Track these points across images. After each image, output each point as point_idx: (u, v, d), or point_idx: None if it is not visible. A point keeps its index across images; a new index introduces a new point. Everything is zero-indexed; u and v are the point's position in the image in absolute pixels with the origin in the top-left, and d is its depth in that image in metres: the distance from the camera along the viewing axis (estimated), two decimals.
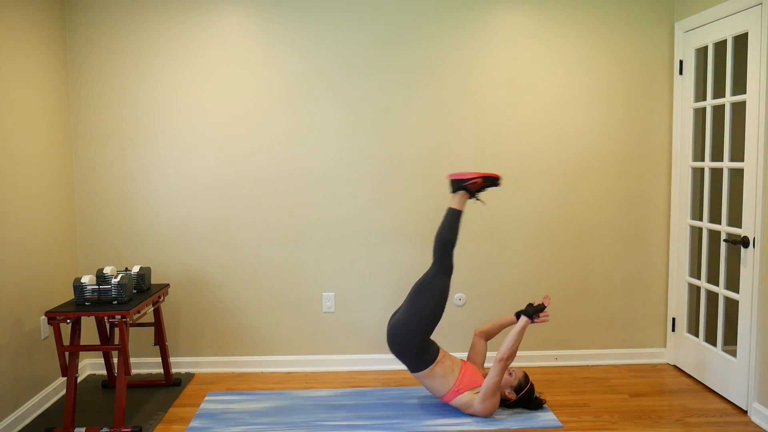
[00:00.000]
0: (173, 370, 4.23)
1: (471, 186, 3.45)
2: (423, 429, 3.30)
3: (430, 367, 3.41)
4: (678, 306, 4.18)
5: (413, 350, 3.40)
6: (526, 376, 3.51)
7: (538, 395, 3.57)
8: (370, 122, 4.13)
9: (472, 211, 4.19)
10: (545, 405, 3.56)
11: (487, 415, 3.39)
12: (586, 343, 4.32)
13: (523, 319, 3.40)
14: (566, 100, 4.17)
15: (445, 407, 3.57)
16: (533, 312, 3.41)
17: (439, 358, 3.44)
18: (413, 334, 3.38)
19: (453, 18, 4.10)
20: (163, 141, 4.10)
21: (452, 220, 3.46)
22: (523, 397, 3.47)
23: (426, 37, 4.10)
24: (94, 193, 4.11)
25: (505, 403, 3.50)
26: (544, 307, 3.43)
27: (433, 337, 4.23)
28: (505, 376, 3.48)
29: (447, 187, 4.16)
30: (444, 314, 4.22)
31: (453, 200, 3.49)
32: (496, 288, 4.25)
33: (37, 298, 3.63)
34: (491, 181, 3.50)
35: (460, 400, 3.41)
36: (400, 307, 3.52)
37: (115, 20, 4.02)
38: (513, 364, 4.19)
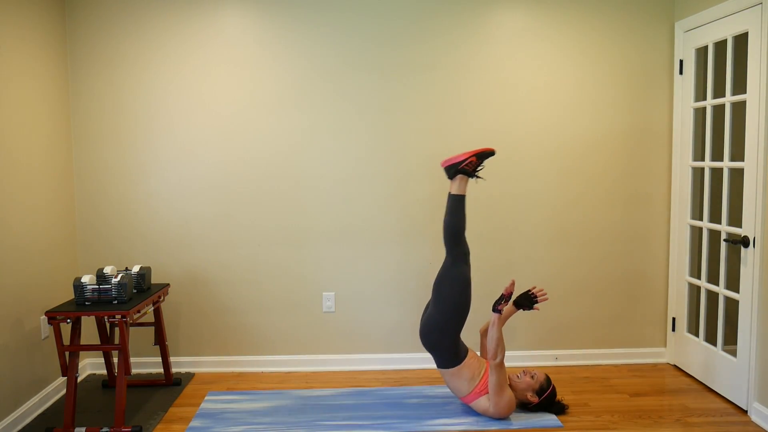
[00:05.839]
0: (173, 370, 4.23)
1: (467, 167, 3.39)
2: (423, 429, 3.30)
3: (458, 366, 3.37)
4: (678, 306, 4.18)
5: (446, 345, 3.35)
6: (548, 380, 3.47)
7: (560, 400, 3.52)
8: (370, 122, 4.13)
9: (473, 211, 4.19)
10: (567, 410, 3.49)
11: (503, 416, 3.34)
12: (586, 343, 4.32)
13: (493, 315, 3.35)
14: (566, 99, 4.17)
15: (444, 407, 3.57)
16: (496, 303, 3.35)
17: (467, 359, 3.40)
18: (444, 329, 3.34)
19: (453, 18, 4.10)
20: (163, 141, 4.10)
21: (456, 206, 3.39)
22: (545, 400, 3.44)
23: (426, 37, 4.10)
24: (94, 192, 4.11)
25: (528, 407, 3.46)
26: (503, 296, 3.34)
27: None
28: (527, 379, 3.45)
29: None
30: None
31: (452, 186, 3.41)
32: (497, 288, 4.24)
33: (37, 298, 3.63)
34: (485, 155, 3.42)
35: (479, 403, 3.37)
36: (429, 303, 3.49)
37: (116, 20, 4.02)
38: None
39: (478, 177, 3.48)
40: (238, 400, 3.71)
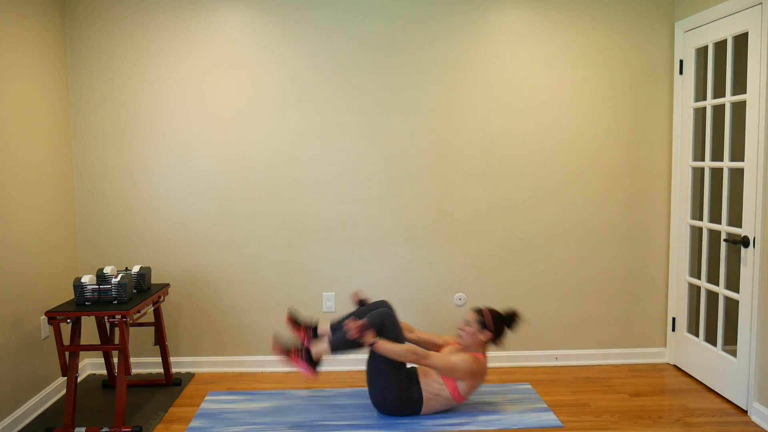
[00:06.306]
0: (173, 370, 4.23)
1: (304, 344, 3.37)
2: (423, 429, 3.30)
3: (424, 404, 3.38)
4: (678, 306, 4.18)
5: (395, 406, 3.37)
6: (478, 310, 3.45)
7: (503, 312, 3.49)
8: (371, 122, 4.14)
9: (473, 210, 4.19)
10: (520, 315, 3.51)
11: (477, 373, 3.34)
12: (586, 343, 4.32)
13: (372, 349, 3.32)
14: (566, 99, 4.17)
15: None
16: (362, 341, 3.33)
17: (424, 388, 3.38)
18: (385, 400, 3.37)
19: (453, 18, 4.10)
20: (163, 140, 4.10)
21: (344, 348, 3.36)
22: (494, 325, 3.41)
23: (427, 37, 4.10)
24: (95, 192, 4.11)
25: (495, 342, 3.45)
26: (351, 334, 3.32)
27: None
28: (467, 329, 3.41)
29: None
30: (444, 314, 4.23)
31: (322, 353, 3.37)
32: (496, 288, 4.25)
33: (37, 298, 3.63)
34: (294, 323, 3.49)
35: (461, 389, 3.37)
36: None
37: (116, 20, 4.02)
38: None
39: (314, 329, 3.56)
40: (238, 400, 3.71)
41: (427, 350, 3.38)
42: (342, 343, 3.33)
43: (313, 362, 3.35)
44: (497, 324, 3.43)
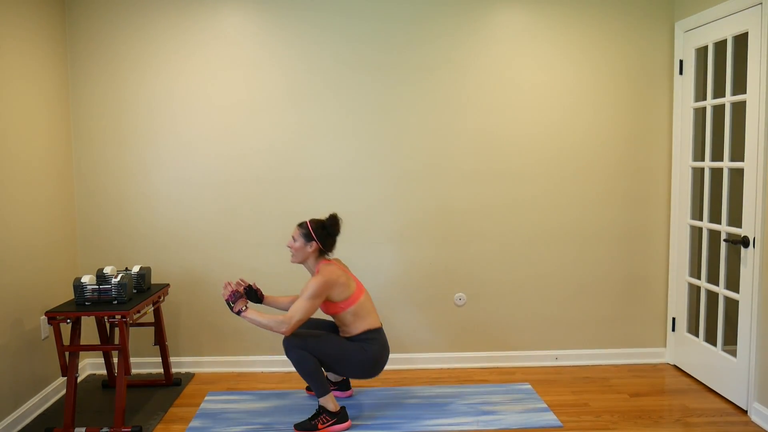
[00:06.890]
0: (173, 370, 4.23)
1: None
2: (423, 429, 3.30)
3: (355, 336, 3.36)
4: (678, 306, 4.18)
5: (362, 366, 3.36)
6: (301, 223, 3.40)
7: (324, 219, 3.44)
8: (370, 122, 4.14)
9: (473, 210, 4.19)
10: (337, 218, 3.43)
11: (327, 283, 3.26)
12: (586, 343, 4.32)
13: (244, 315, 3.29)
14: (566, 99, 4.17)
15: (444, 407, 3.57)
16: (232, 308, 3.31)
17: (351, 333, 3.38)
18: (355, 368, 3.36)
19: (453, 19, 4.10)
20: (163, 140, 4.10)
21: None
22: (319, 234, 3.36)
23: (426, 38, 4.10)
24: (94, 192, 4.12)
25: (326, 250, 3.41)
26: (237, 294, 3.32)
27: (431, 336, 4.24)
28: (291, 245, 3.38)
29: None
30: (444, 314, 4.23)
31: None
32: (496, 288, 4.25)
33: (37, 298, 3.63)
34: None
35: (339, 297, 3.33)
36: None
37: (116, 20, 4.03)
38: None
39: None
40: (238, 400, 3.71)
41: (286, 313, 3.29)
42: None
43: (333, 414, 3.31)
44: (319, 232, 3.38)
